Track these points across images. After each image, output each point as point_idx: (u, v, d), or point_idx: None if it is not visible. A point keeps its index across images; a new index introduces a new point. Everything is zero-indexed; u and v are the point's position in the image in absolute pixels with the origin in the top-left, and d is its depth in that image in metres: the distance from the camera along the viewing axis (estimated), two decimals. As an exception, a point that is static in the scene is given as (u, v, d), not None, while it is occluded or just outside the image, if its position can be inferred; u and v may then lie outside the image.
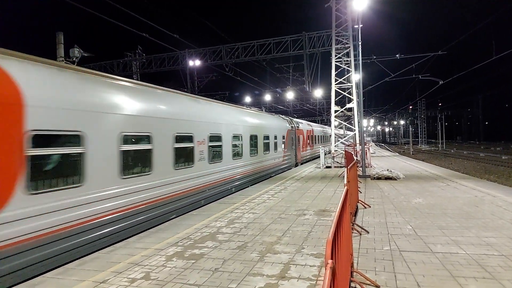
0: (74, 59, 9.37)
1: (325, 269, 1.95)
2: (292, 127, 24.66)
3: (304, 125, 30.08)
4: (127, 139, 7.68)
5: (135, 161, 8.11)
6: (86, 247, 6.40)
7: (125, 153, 7.54)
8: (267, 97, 48.00)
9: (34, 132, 5.51)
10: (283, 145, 21.75)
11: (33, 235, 5.42)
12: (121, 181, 7.38)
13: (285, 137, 22.49)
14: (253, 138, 16.35)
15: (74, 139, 6.36)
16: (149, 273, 5.02)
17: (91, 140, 6.65)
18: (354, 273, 4.68)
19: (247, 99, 48.21)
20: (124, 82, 8.48)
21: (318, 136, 36.61)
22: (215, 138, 12.13)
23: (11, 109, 5.23)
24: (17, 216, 5.21)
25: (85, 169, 6.51)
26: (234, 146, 13.91)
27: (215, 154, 12.17)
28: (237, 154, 14.17)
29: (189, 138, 10.44)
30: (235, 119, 14.48)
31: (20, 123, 5.35)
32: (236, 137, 14.05)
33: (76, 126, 6.35)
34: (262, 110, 24.59)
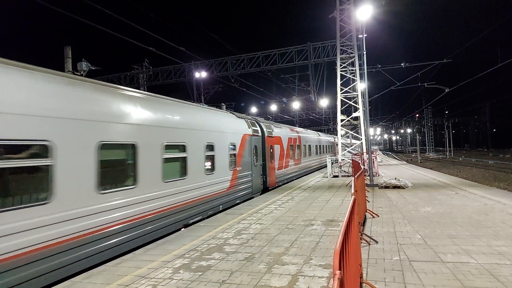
0: (81, 72, 9.49)
1: (333, 280, 1.92)
2: (333, 141, 42.32)
3: (333, 138, 46.81)
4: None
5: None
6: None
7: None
8: (273, 107, 48.14)
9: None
10: (330, 149, 39.18)
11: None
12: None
13: (331, 146, 40.13)
14: (319, 147, 32.49)
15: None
16: (155, 286, 4.99)
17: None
18: (364, 284, 4.61)
19: (253, 109, 48.37)
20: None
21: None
22: (313, 146, 29.18)
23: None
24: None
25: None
26: (314, 149, 29.43)
27: (313, 152, 28.66)
28: (314, 153, 29.31)
29: (309, 147, 27.39)
30: (317, 137, 31.86)
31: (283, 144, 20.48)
32: (316, 146, 30.38)
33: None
34: (323, 132, 49.84)
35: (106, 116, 6.63)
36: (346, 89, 21.97)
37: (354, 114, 22.20)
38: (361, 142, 21.94)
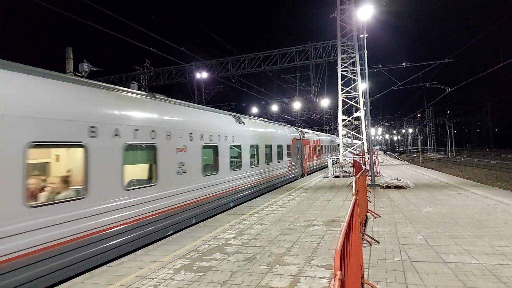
0: (83, 73, 9.49)
1: (334, 280, 1.91)
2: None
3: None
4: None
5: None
6: None
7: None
8: (274, 108, 48.09)
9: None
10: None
11: None
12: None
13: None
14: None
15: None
16: (157, 286, 4.99)
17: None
18: (365, 285, 4.60)
19: (254, 109, 48.32)
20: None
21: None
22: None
23: None
24: None
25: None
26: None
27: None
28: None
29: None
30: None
31: None
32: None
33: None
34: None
35: None
36: (347, 89, 21.95)
37: (355, 114, 22.18)
38: (362, 142, 21.91)
